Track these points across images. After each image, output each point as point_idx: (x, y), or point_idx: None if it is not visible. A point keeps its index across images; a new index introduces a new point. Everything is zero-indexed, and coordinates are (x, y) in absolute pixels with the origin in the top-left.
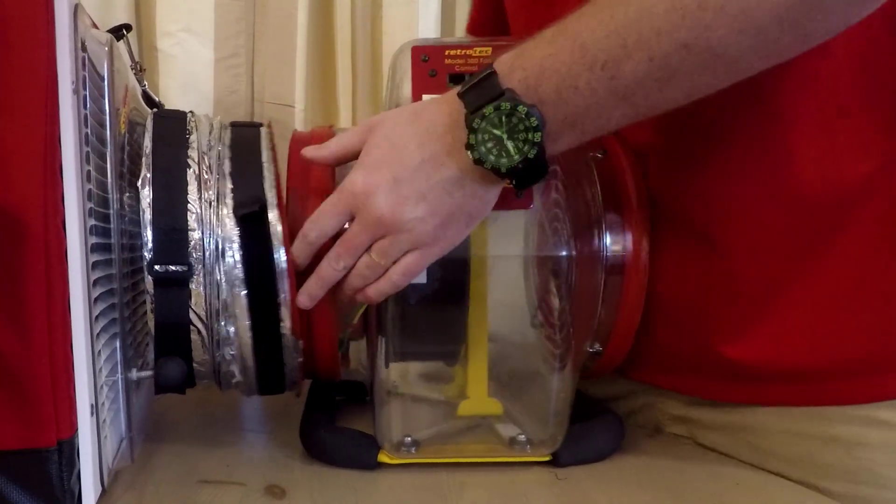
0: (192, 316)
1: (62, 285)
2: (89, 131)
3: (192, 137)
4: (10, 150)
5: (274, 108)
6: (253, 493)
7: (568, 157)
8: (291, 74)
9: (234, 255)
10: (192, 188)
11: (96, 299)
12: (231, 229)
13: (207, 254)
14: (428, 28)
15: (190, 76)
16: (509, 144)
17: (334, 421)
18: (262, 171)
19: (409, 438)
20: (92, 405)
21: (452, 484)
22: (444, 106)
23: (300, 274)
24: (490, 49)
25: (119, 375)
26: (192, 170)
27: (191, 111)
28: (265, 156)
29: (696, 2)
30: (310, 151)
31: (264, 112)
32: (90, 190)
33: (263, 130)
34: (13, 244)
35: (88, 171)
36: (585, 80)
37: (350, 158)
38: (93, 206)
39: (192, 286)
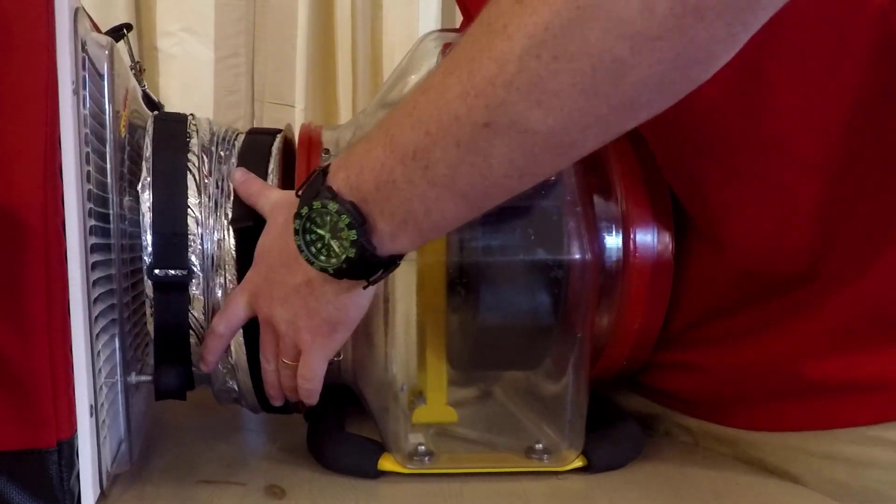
0: (191, 320)
1: (62, 285)
2: (89, 131)
3: (193, 141)
4: (10, 150)
5: (274, 108)
6: (253, 493)
7: None
8: (291, 74)
9: (231, 269)
10: (193, 192)
11: (96, 300)
12: (229, 241)
13: (207, 258)
14: (428, 28)
15: (190, 76)
16: (334, 244)
17: (343, 426)
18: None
19: (423, 447)
20: (91, 406)
21: (453, 483)
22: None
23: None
24: None
25: (118, 378)
26: (192, 174)
27: (191, 114)
28: (272, 166)
29: (486, 79)
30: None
31: (264, 112)
32: (90, 190)
33: (278, 138)
34: (13, 245)
35: (88, 172)
36: (401, 173)
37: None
38: (92, 206)
39: (192, 290)
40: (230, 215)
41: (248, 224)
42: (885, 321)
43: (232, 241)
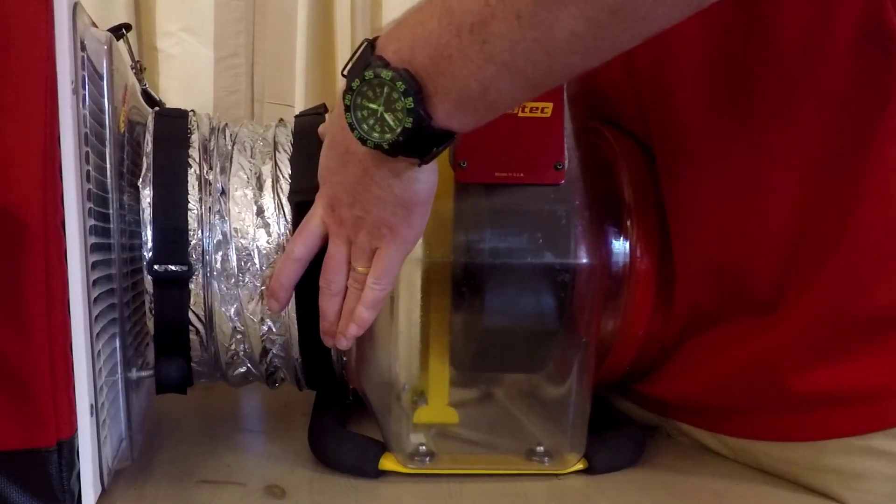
0: (190, 316)
1: (62, 285)
2: (88, 131)
3: (194, 137)
4: (9, 150)
5: (274, 108)
6: (253, 493)
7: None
8: (291, 74)
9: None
10: (193, 188)
11: (96, 299)
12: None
13: (207, 254)
14: None
15: (190, 76)
16: (388, 118)
17: (344, 425)
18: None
19: (424, 447)
20: (91, 405)
21: (453, 483)
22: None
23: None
24: None
25: (119, 375)
26: (192, 169)
27: (192, 110)
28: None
29: None
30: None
31: (264, 112)
32: (90, 190)
33: (327, 117)
34: (13, 244)
35: (88, 171)
36: (457, 48)
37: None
38: (92, 205)
39: (191, 286)
40: (287, 189)
41: (309, 198)
42: (861, 324)
43: (262, 239)
